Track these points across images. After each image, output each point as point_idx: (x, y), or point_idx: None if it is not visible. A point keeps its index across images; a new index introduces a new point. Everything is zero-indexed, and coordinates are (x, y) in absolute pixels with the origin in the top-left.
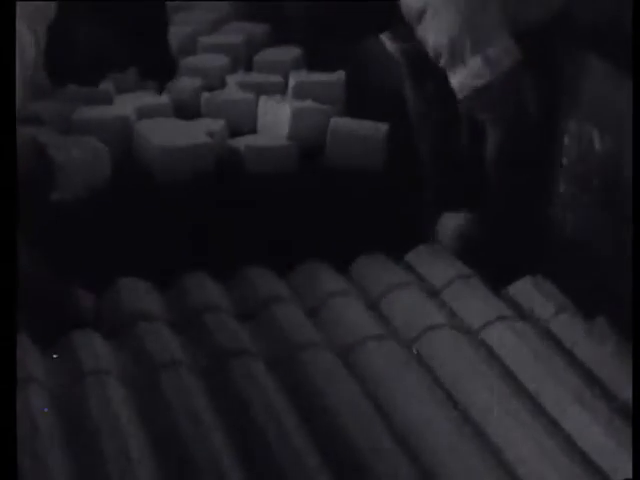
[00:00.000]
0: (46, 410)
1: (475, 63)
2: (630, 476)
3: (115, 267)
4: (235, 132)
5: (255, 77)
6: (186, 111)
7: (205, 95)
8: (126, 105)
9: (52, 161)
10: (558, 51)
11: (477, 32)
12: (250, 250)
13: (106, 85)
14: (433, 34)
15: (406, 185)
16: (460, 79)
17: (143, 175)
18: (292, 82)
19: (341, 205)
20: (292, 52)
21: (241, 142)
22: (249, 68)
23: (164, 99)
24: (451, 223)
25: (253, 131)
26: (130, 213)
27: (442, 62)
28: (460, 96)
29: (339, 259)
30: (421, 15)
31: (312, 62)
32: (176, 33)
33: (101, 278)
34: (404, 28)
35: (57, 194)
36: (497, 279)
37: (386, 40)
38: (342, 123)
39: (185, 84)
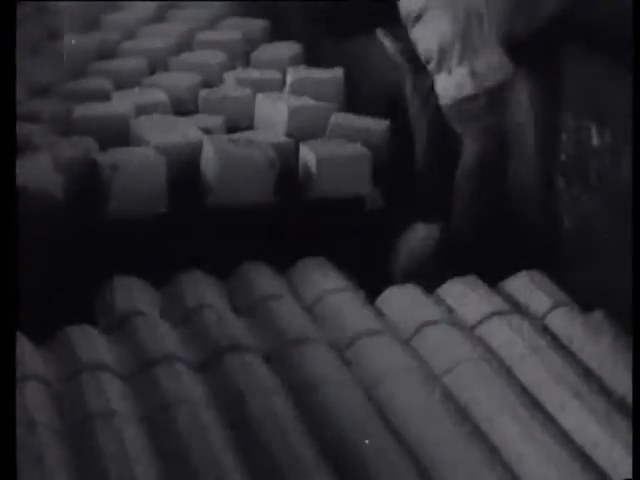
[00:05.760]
0: None
1: (460, 74)
2: (629, 474)
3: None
4: (233, 129)
5: (253, 74)
6: (184, 108)
7: (203, 92)
8: (124, 102)
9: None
10: (557, 48)
11: (467, 43)
12: (251, 245)
13: (104, 82)
14: (425, 38)
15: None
16: (444, 87)
17: None
18: (290, 79)
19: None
20: (290, 48)
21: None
22: (247, 64)
23: (162, 96)
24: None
25: (251, 127)
26: None
27: (430, 67)
28: (442, 103)
29: (341, 256)
30: (418, 18)
31: (310, 59)
32: (174, 30)
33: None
34: (401, 29)
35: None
36: (492, 275)
37: (385, 40)
38: (343, 118)
39: (182, 81)
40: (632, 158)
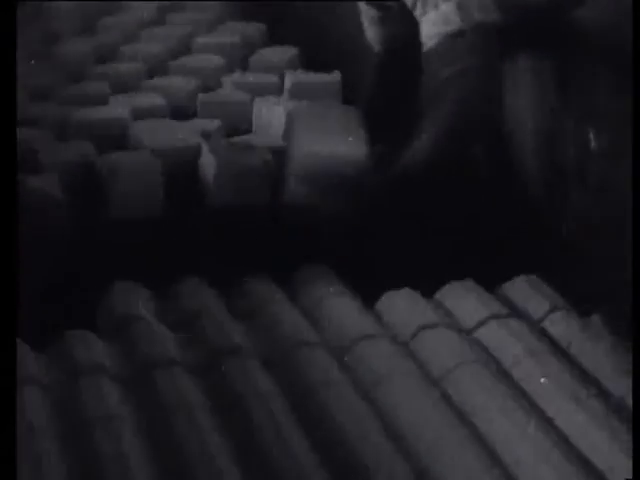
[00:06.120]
0: None
1: (447, 7)
2: (628, 476)
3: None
4: (231, 133)
5: (251, 77)
6: (182, 112)
7: (201, 96)
8: (122, 106)
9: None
10: (555, 49)
11: None
12: (249, 249)
13: (101, 85)
14: None
15: None
16: (430, 24)
17: None
18: (288, 83)
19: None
20: (288, 52)
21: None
22: (245, 68)
23: (160, 100)
24: None
25: (249, 131)
26: None
27: (417, 10)
28: (429, 44)
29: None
30: None
31: (308, 62)
32: (172, 33)
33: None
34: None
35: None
36: (490, 279)
37: (368, 27)
38: None
39: (181, 85)
40: (632, 158)
